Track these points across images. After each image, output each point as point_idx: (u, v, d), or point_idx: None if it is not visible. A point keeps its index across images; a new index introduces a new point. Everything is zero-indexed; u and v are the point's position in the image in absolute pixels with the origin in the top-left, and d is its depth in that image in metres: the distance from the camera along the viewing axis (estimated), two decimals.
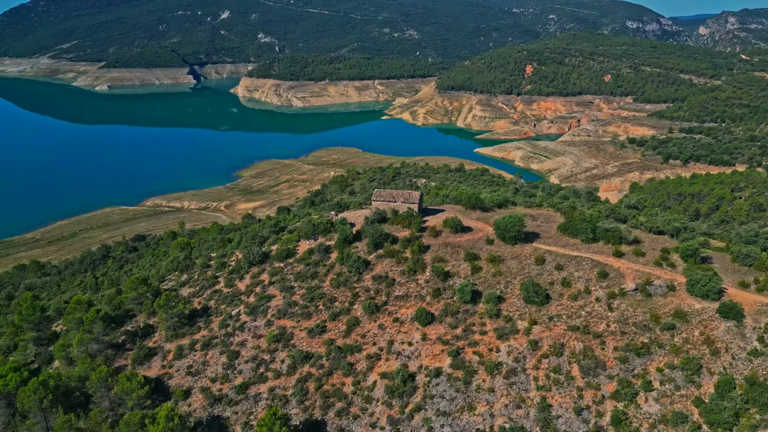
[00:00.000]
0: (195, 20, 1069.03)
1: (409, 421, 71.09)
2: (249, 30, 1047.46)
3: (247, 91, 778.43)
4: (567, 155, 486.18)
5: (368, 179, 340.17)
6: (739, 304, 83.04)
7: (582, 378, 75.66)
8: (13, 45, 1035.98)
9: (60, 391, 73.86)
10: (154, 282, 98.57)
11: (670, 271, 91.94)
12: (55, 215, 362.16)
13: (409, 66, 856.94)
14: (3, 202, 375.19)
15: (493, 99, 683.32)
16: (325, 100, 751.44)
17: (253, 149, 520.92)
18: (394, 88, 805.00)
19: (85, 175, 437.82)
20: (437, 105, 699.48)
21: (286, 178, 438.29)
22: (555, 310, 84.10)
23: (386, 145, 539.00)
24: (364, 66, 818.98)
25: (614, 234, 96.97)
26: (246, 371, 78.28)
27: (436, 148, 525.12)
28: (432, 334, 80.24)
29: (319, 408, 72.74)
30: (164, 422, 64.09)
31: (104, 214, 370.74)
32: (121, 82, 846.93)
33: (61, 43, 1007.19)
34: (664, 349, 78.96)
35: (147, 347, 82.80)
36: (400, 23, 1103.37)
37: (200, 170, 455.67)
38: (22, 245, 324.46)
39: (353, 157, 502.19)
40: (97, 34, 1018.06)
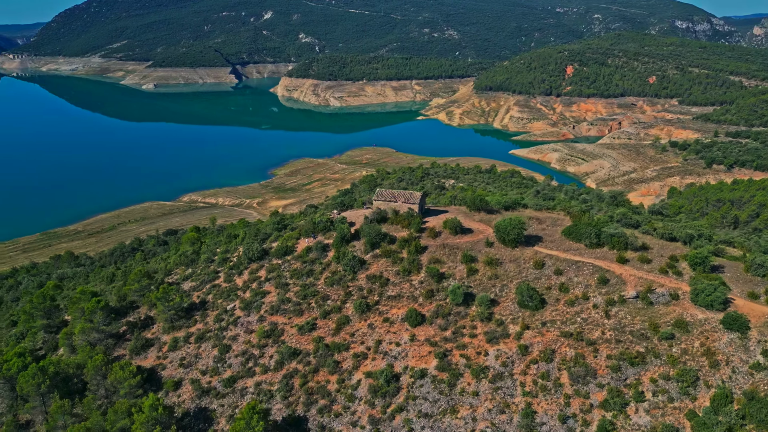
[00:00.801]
0: (239, 21, 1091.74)
1: (390, 422, 71.11)
2: (290, 30, 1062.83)
3: (287, 91, 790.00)
4: (605, 158, 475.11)
5: (397, 179, 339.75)
6: (744, 315, 79.72)
7: (571, 386, 74.07)
8: (67, 45, 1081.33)
9: (60, 377, 77.03)
10: (160, 275, 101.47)
11: (676, 279, 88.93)
12: (98, 208, 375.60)
13: (448, 66, 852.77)
14: (51, 195, 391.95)
15: (532, 100, 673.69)
16: (361, 100, 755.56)
17: (289, 148, 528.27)
18: (432, 89, 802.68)
19: (128, 171, 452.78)
20: (474, 105, 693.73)
21: (319, 176, 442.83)
22: (549, 316, 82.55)
23: (420, 146, 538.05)
24: (401, 66, 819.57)
25: (619, 239, 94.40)
26: (235, 365, 79.91)
27: (470, 149, 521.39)
28: (421, 335, 80.00)
29: (302, 404, 73.58)
30: (149, 411, 66.10)
31: (143, 208, 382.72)
32: (166, 81, 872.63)
33: (112, 42, 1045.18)
34: (661, 360, 76.48)
35: (145, 338, 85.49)
36: (441, 23, 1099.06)
37: (237, 168, 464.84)
38: (65, 236, 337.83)
39: (386, 156, 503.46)
40: (145, 34, 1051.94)
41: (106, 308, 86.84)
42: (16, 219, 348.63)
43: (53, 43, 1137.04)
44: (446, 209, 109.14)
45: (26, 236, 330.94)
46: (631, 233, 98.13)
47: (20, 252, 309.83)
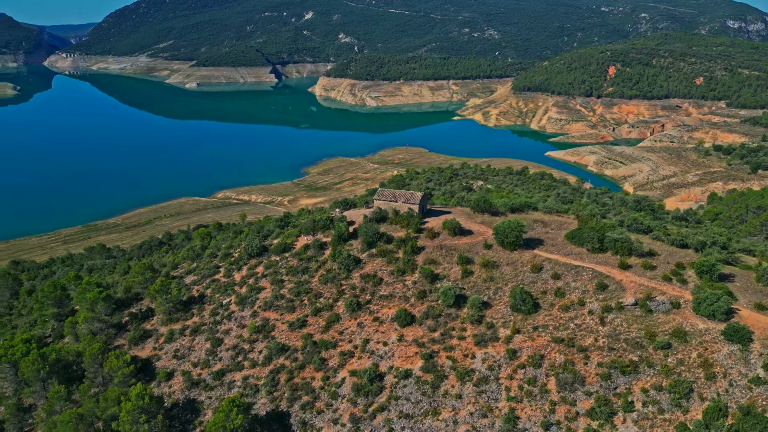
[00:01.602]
0: (280, 21, 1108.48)
1: (370, 421, 71.29)
2: (330, 30, 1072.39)
3: (324, 90, 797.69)
4: (644, 161, 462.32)
5: (425, 179, 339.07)
6: (746, 327, 76.56)
7: (558, 392, 72.64)
8: (116, 44, 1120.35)
9: (61, 364, 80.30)
10: (168, 268, 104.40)
11: (679, 287, 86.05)
12: (137, 203, 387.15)
13: (486, 66, 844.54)
14: (96, 188, 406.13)
15: (571, 101, 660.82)
16: (398, 100, 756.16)
17: (323, 147, 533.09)
18: (469, 89, 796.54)
19: (168, 167, 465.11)
20: (511, 106, 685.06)
21: (350, 175, 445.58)
22: (542, 320, 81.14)
23: (454, 146, 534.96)
24: (439, 66, 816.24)
25: (623, 245, 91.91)
26: (226, 359, 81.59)
27: (505, 150, 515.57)
28: (409, 335, 79.85)
29: (286, 400, 74.52)
30: (135, 400, 68.25)
31: (178, 203, 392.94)
32: (208, 80, 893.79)
33: (159, 42, 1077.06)
34: (654, 369, 74.19)
35: (144, 329, 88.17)
36: (481, 23, 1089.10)
37: (271, 165, 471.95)
38: (104, 229, 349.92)
39: (418, 157, 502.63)
40: (190, 34, 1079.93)
41: (108, 299, 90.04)
42: (61, 211, 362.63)
43: (103, 43, 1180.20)
44: (450, 210, 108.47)
45: (68, 228, 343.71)
46: (636, 239, 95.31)
47: (61, 243, 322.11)
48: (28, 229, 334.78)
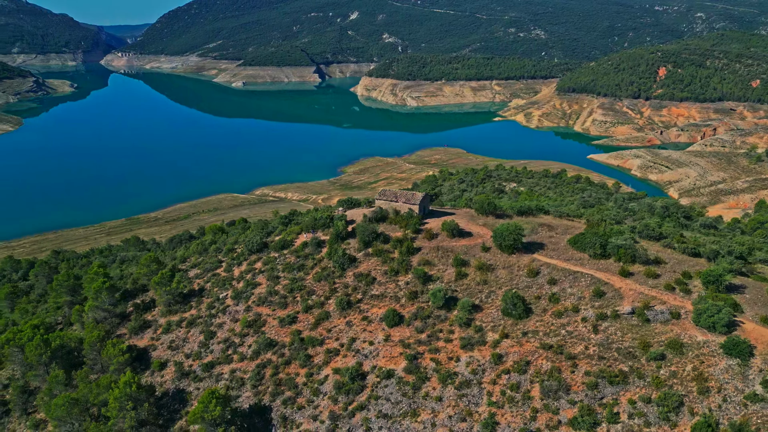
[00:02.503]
0: (326, 21, 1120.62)
1: (349, 419, 71.63)
2: (375, 30, 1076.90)
3: (366, 90, 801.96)
4: (691, 166, 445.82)
5: (458, 180, 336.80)
6: (747, 341, 73.07)
7: (541, 399, 71.16)
8: (169, 44, 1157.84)
9: (64, 350, 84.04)
10: (176, 261, 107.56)
11: (682, 297, 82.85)
12: (178, 198, 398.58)
13: (531, 66, 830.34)
14: (142, 183, 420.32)
15: (618, 103, 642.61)
16: (439, 100, 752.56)
17: (362, 146, 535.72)
18: (512, 89, 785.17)
19: (211, 163, 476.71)
20: (554, 107, 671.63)
21: (386, 175, 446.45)
22: (533, 326, 79.60)
23: (494, 148, 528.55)
24: (482, 66, 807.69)
25: (626, 251, 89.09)
26: (216, 351, 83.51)
27: (545, 153, 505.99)
28: (396, 336, 79.76)
29: (269, 394, 75.72)
30: (122, 387, 70.84)
31: (217, 199, 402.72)
32: (254, 79, 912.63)
33: (208, 42, 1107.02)
34: (644, 381, 71.74)
35: (144, 320, 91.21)
36: (527, 23, 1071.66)
37: (309, 164, 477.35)
38: (145, 222, 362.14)
39: (456, 157, 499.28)
40: (239, 34, 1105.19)
41: (112, 289, 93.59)
42: (107, 204, 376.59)
43: (156, 43, 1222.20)
44: (454, 211, 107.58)
45: (112, 221, 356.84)
46: (641, 246, 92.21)
47: (104, 235, 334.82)
48: (76, 220, 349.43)
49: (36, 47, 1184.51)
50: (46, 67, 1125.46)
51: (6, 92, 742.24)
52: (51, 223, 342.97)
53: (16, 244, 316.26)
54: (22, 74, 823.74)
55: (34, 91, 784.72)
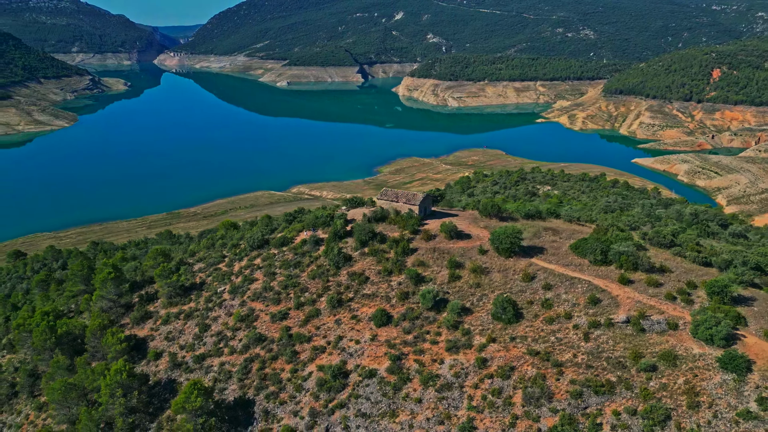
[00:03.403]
0: (371, 21, 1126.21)
1: (328, 416, 72.12)
2: (419, 30, 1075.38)
3: (407, 90, 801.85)
4: (742, 173, 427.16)
5: (491, 182, 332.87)
6: (745, 355, 69.73)
7: (522, 406, 69.77)
8: (218, 44, 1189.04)
9: (70, 337, 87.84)
10: (185, 255, 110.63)
11: (682, 307, 79.68)
12: (217, 194, 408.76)
13: (577, 67, 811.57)
14: (186, 179, 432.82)
15: (667, 105, 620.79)
16: (481, 101, 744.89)
17: (400, 146, 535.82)
18: (557, 90, 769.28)
19: (253, 161, 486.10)
20: (600, 109, 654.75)
21: (421, 176, 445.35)
22: (522, 331, 78.11)
23: (534, 150, 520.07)
24: (526, 66, 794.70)
25: (627, 258, 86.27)
26: (209, 344, 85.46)
27: (587, 156, 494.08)
28: (383, 335, 79.73)
29: (254, 388, 76.98)
30: (113, 374, 73.55)
31: (254, 196, 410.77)
32: (298, 79, 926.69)
33: (256, 43, 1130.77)
34: (632, 392, 69.36)
35: (146, 310, 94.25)
36: (576, 22, 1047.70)
37: (347, 163, 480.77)
38: (184, 217, 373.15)
39: (494, 159, 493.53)
40: (285, 34, 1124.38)
41: (117, 280, 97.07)
42: (151, 199, 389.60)
43: (207, 43, 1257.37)
44: (457, 213, 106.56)
45: (154, 215, 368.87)
46: (645, 254, 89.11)
47: (145, 228, 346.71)
48: (121, 213, 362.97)
49: (94, 47, 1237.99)
50: (103, 66, 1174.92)
51: (64, 90, 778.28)
52: (97, 215, 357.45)
53: (63, 234, 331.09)
54: (80, 72, 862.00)
55: (90, 88, 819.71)
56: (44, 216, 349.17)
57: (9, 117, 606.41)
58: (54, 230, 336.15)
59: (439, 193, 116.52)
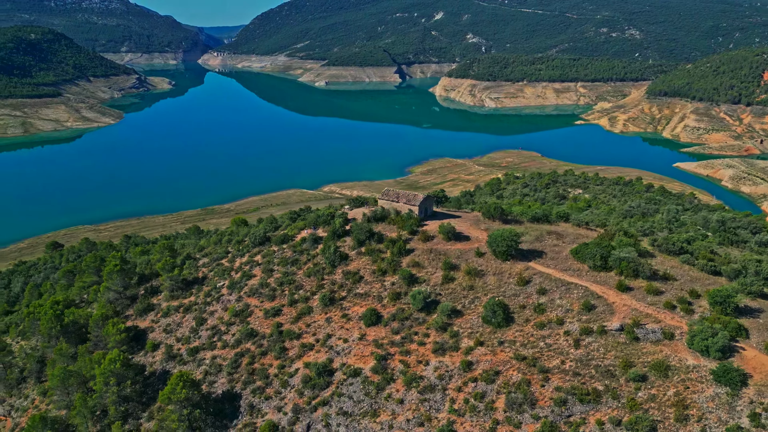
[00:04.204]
0: (410, 22, 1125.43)
1: (311, 413, 72.66)
2: (458, 31, 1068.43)
3: (444, 91, 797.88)
4: None
5: (522, 185, 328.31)
6: (740, 369, 66.88)
7: (504, 411, 68.69)
8: (260, 44, 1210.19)
9: (76, 326, 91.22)
10: (192, 250, 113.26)
11: (681, 316, 76.94)
12: (251, 191, 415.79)
13: (620, 68, 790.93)
14: (222, 176, 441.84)
15: (714, 108, 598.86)
16: (519, 102, 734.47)
17: (433, 147, 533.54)
18: (599, 92, 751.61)
19: (289, 159, 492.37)
20: (642, 111, 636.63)
21: (453, 177, 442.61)
22: (511, 335, 76.88)
23: (571, 152, 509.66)
24: (567, 67, 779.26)
25: (628, 264, 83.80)
26: (204, 337, 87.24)
27: (626, 159, 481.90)
28: (371, 335, 79.76)
29: (241, 382, 78.22)
30: (107, 364, 76.04)
31: (287, 194, 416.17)
32: (336, 79, 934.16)
33: (296, 43, 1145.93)
34: (618, 402, 67.41)
35: (149, 303, 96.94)
36: (621, 22, 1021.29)
37: (379, 163, 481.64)
38: (218, 213, 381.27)
39: (529, 161, 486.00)
40: (325, 35, 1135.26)
41: (123, 272, 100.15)
42: (188, 195, 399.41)
43: (249, 43, 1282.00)
44: (460, 214, 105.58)
45: (189, 210, 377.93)
46: (646, 261, 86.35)
47: (180, 223, 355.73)
48: (158, 208, 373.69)
49: (142, 47, 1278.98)
50: (150, 65, 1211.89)
51: (112, 88, 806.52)
52: (136, 210, 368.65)
53: (103, 227, 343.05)
54: (127, 71, 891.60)
55: (136, 87, 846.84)
56: (87, 209, 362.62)
57: (59, 114, 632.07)
58: (94, 223, 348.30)
59: (443, 194, 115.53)
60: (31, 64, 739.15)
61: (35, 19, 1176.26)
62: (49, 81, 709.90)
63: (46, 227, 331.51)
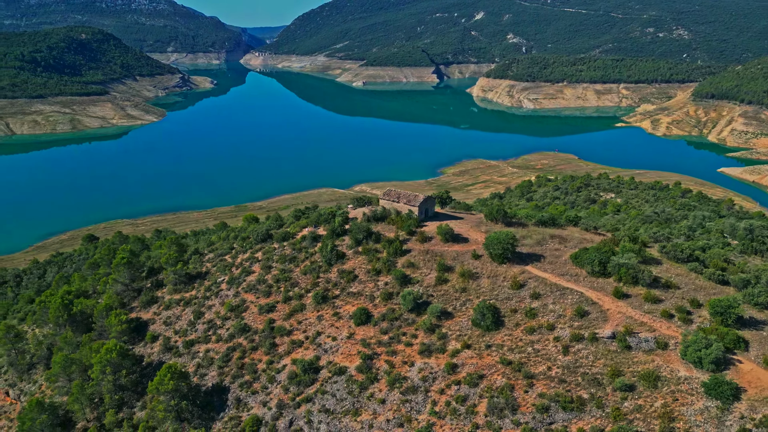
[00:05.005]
0: (450, 22, 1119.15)
1: (294, 409, 73.32)
2: (499, 31, 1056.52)
3: (482, 91, 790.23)
4: None
5: (553, 187, 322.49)
6: (732, 382, 64.10)
7: (485, 416, 67.72)
8: (300, 45, 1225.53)
9: (84, 315, 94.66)
10: (201, 245, 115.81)
11: (678, 326, 74.26)
12: (284, 189, 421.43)
13: (666, 69, 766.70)
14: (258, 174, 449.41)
15: (764, 112, 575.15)
16: (558, 103, 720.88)
17: (467, 147, 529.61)
18: (642, 93, 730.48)
19: (323, 158, 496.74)
20: (687, 114, 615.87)
21: (485, 178, 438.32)
22: (499, 339, 75.75)
23: (610, 155, 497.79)
24: (609, 68, 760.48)
25: (627, 271, 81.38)
26: (200, 331, 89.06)
27: (667, 163, 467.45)
28: (360, 334, 79.87)
29: (230, 376, 79.53)
30: (104, 353, 78.64)
31: (318, 193, 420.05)
32: (374, 79, 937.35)
33: (336, 43, 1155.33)
34: (602, 411, 65.58)
35: (153, 295, 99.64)
36: (669, 22, 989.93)
37: (412, 163, 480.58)
38: (250, 210, 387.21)
39: (564, 163, 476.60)
40: (365, 35, 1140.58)
41: (130, 265, 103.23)
42: (223, 192, 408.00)
43: (289, 44, 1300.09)
44: (462, 216, 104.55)
45: (223, 207, 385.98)
46: (646, 267, 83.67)
47: (213, 219, 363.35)
48: (194, 204, 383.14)
49: (187, 47, 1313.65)
50: (194, 65, 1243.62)
51: (156, 87, 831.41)
52: (173, 205, 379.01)
53: (140, 221, 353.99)
54: (171, 71, 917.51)
55: (180, 86, 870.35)
56: (128, 203, 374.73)
57: (105, 111, 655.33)
58: (133, 217, 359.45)
59: (447, 195, 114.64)
60: (81, 63, 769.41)
61: (87, 20, 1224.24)
62: (97, 80, 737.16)
63: (88, 220, 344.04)
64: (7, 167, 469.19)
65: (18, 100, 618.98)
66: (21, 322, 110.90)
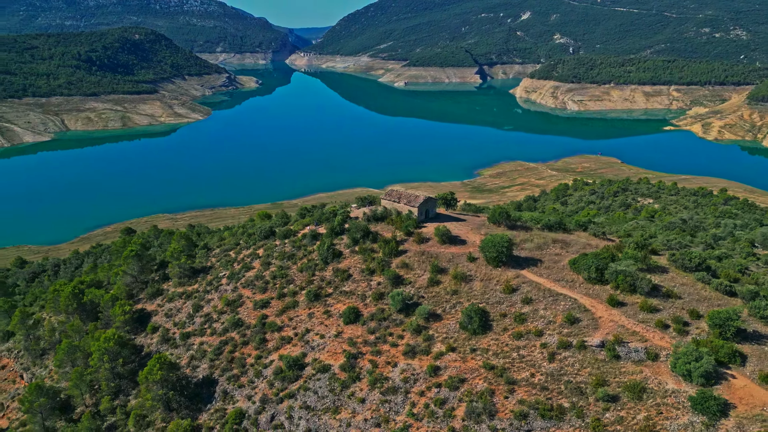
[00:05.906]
0: (495, 22, 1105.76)
1: (276, 404, 74.17)
2: (545, 31, 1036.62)
3: (525, 92, 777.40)
4: None
5: (590, 191, 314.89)
6: (722, 398, 61.16)
7: (462, 420, 66.80)
8: (344, 45, 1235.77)
9: (93, 305, 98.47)
10: (211, 240, 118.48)
11: (672, 337, 71.38)
12: (320, 188, 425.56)
13: (721, 71, 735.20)
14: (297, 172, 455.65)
15: None
16: (604, 105, 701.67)
17: (507, 149, 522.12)
18: (694, 96, 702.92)
19: (361, 157, 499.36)
20: (741, 118, 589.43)
21: (522, 180, 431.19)
22: (485, 344, 74.55)
23: (655, 159, 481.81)
24: (659, 69, 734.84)
25: (624, 278, 78.69)
26: (197, 324, 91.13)
27: (717, 169, 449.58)
28: (347, 333, 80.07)
29: (220, 369, 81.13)
30: (102, 341, 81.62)
31: (352, 192, 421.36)
32: (416, 80, 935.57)
33: (380, 44, 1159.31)
34: (582, 421, 63.69)
35: (158, 288, 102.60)
36: (726, 21, 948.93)
37: (448, 164, 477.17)
38: (284, 208, 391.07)
39: (606, 167, 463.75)
40: (408, 36, 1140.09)
41: (137, 257, 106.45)
42: (262, 189, 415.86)
43: (334, 44, 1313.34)
44: (464, 218, 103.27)
45: (260, 203, 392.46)
46: (644, 275, 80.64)
47: (248, 216, 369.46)
48: (232, 200, 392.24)
49: (235, 47, 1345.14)
50: (242, 65, 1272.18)
51: (204, 86, 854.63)
52: (212, 201, 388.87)
53: (179, 216, 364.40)
54: (218, 70, 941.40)
55: (226, 85, 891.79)
56: (170, 198, 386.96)
57: (154, 109, 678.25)
58: (173, 212, 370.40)
59: (451, 196, 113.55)
60: (133, 62, 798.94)
61: (142, 20, 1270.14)
62: (148, 79, 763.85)
63: (131, 214, 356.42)
64: (61, 162, 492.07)
65: (73, 98, 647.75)
66: (41, 309, 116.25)
